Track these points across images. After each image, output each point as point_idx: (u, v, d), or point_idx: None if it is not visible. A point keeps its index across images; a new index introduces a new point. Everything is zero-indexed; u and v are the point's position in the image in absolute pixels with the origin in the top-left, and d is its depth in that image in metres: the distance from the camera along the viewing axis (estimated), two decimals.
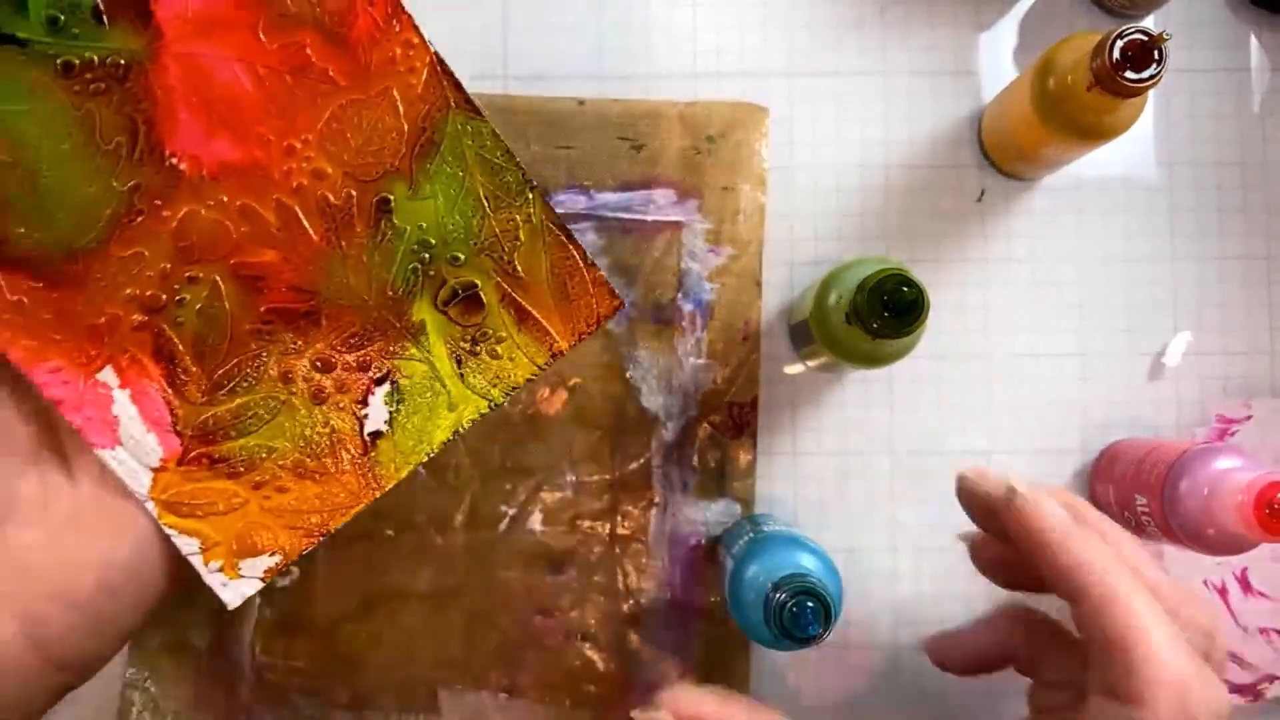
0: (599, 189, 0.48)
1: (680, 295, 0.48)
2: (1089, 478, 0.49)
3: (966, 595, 0.48)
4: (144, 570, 0.32)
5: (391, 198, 0.31)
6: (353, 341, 0.32)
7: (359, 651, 0.47)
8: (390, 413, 0.32)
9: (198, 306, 0.31)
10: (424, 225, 0.31)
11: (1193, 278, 0.49)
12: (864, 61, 0.50)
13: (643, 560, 0.47)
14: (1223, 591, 0.48)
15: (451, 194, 0.31)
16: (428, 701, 0.47)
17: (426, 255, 0.31)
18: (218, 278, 0.31)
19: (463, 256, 0.31)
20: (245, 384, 0.31)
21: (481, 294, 0.32)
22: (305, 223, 0.31)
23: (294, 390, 0.32)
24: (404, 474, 0.32)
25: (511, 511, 0.47)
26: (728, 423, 0.48)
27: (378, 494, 0.32)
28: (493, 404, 0.32)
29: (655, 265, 0.48)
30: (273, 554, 0.32)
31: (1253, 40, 0.50)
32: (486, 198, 0.31)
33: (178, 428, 0.31)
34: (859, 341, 0.41)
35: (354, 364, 0.32)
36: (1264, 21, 0.50)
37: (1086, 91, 0.39)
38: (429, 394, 0.32)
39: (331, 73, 0.30)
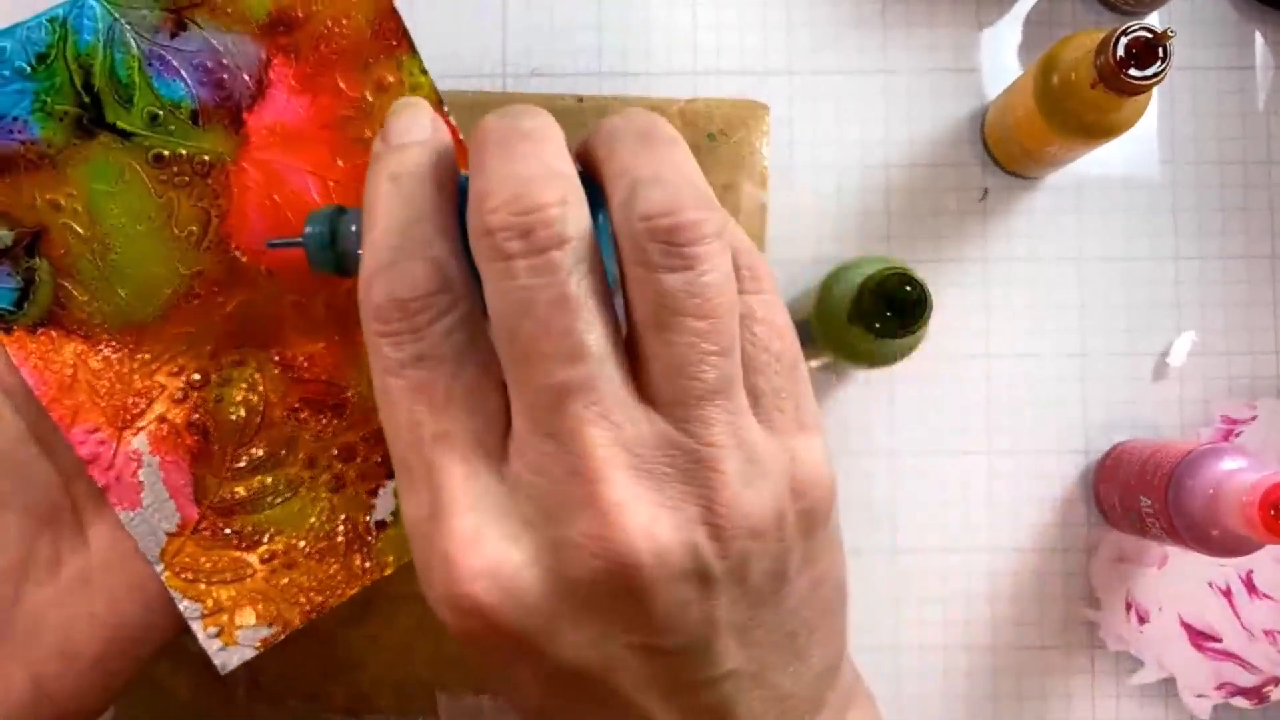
0: None
1: None
2: (1093, 479, 0.48)
3: (969, 595, 0.48)
4: (152, 630, 0.33)
5: None
6: (375, 437, 0.33)
7: (356, 653, 0.46)
8: (396, 505, 0.34)
9: (238, 388, 0.32)
10: None
11: (1197, 277, 0.49)
12: (865, 59, 0.50)
13: None
14: (1227, 594, 0.47)
15: None
16: (426, 704, 0.46)
17: None
18: (259, 363, 0.32)
19: None
20: (271, 463, 0.33)
21: None
22: (351, 319, 0.33)
23: (314, 473, 0.33)
24: (399, 564, 0.34)
25: None
26: None
27: (375, 578, 0.34)
28: None
29: None
30: (270, 625, 0.33)
31: (1257, 38, 0.50)
32: None
33: (198, 498, 0.32)
34: (861, 341, 0.41)
35: (373, 456, 0.33)
36: (1268, 19, 0.50)
37: (1090, 89, 0.39)
38: None
39: None
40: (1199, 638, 0.47)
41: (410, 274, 0.24)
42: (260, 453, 0.33)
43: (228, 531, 0.32)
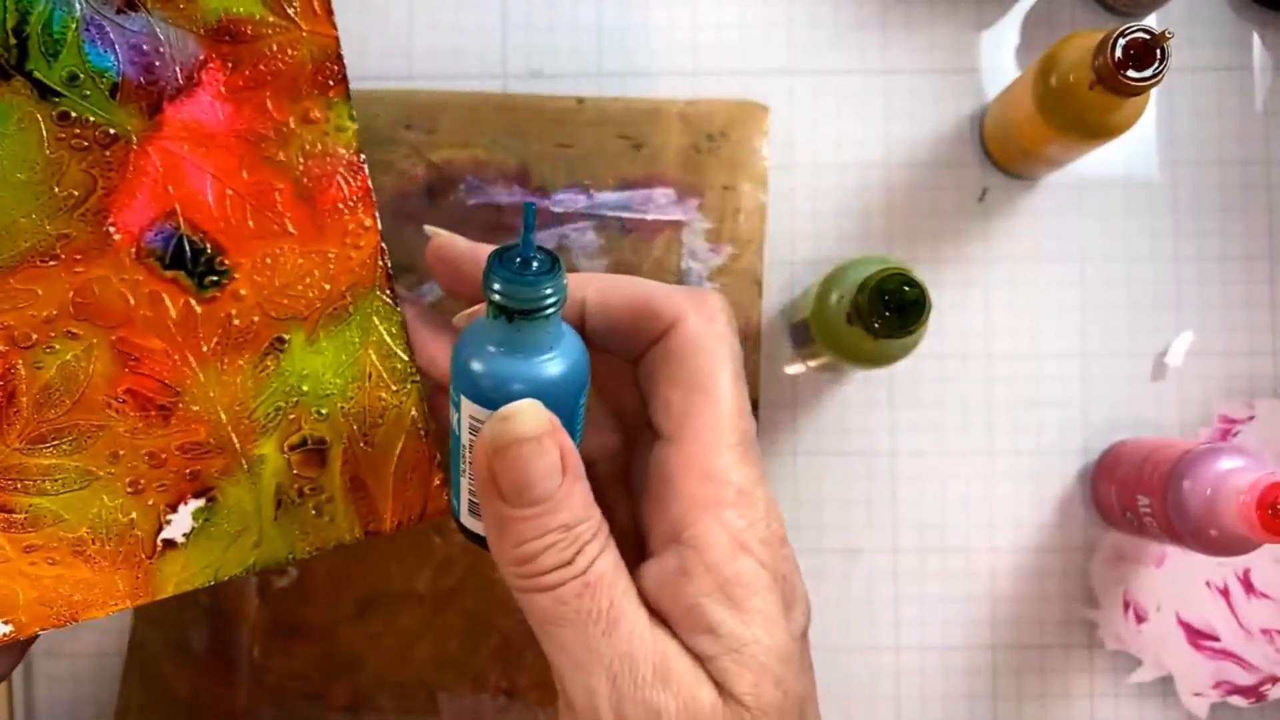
0: (599, 188, 0.48)
1: None
2: (1091, 478, 0.48)
3: (969, 595, 0.48)
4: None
5: (288, 340, 0.32)
6: (193, 449, 0.32)
7: (357, 653, 0.46)
8: (193, 527, 0.33)
9: (64, 359, 0.31)
10: (305, 374, 0.33)
11: (1195, 277, 0.49)
12: (865, 60, 0.50)
13: None
14: (1225, 593, 0.47)
15: (342, 358, 0.33)
16: (426, 703, 0.47)
17: (295, 400, 0.33)
18: (96, 342, 0.32)
19: (327, 413, 0.33)
20: (69, 445, 0.32)
21: (327, 453, 0.33)
22: (201, 329, 0.32)
23: (115, 471, 0.32)
24: (176, 592, 0.33)
25: None
26: None
27: (139, 603, 0.33)
28: (292, 557, 0.33)
29: (655, 264, 0.48)
30: (6, 621, 0.32)
31: (1255, 39, 0.50)
32: (371, 373, 0.33)
33: None
34: (860, 341, 0.41)
35: (183, 470, 0.32)
36: (1266, 20, 0.50)
37: (1089, 90, 0.39)
38: (238, 524, 0.33)
39: (288, 220, 0.32)
40: (1197, 636, 0.47)
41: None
42: (63, 432, 0.31)
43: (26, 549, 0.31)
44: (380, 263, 0.33)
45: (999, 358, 0.49)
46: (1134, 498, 0.43)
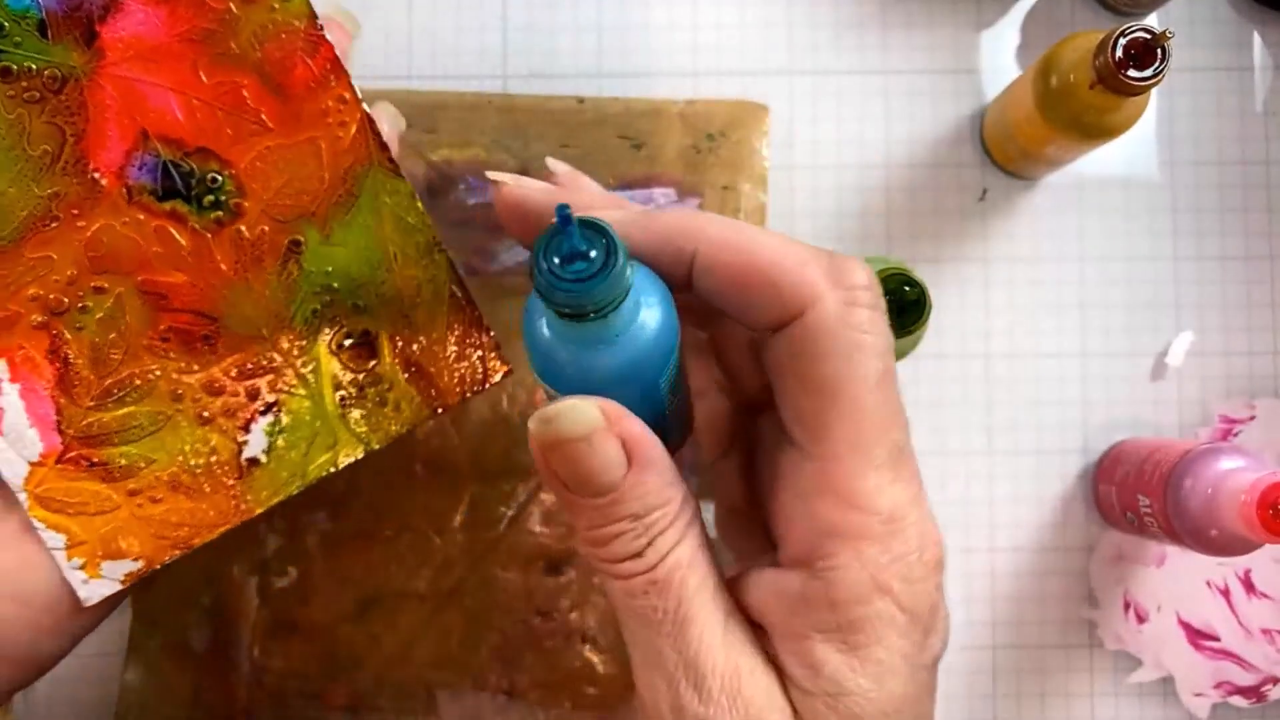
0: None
1: None
2: (1091, 478, 0.48)
3: (969, 595, 0.48)
4: None
5: (303, 240, 0.32)
6: (245, 370, 0.32)
7: (357, 653, 0.46)
8: (269, 442, 0.33)
9: (99, 316, 0.32)
10: (330, 270, 0.32)
11: (1195, 277, 0.49)
12: (865, 60, 0.50)
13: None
14: (1225, 593, 0.47)
15: (362, 245, 0.32)
16: (426, 703, 0.47)
17: (329, 299, 0.32)
18: (123, 291, 0.31)
19: (364, 304, 0.33)
20: (134, 395, 0.32)
21: (376, 343, 0.33)
22: (216, 252, 0.32)
23: (181, 408, 0.32)
24: (273, 503, 0.33)
25: (511, 512, 0.47)
26: None
27: (245, 518, 0.33)
28: (369, 448, 0.33)
29: None
30: (136, 559, 0.33)
31: (1255, 39, 0.50)
32: (395, 254, 0.32)
33: (61, 427, 0.32)
34: None
35: (243, 392, 0.32)
36: (1267, 20, 0.50)
37: (1089, 90, 0.39)
38: (309, 430, 0.33)
39: (264, 115, 0.31)
40: (1197, 637, 0.47)
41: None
42: (124, 383, 0.32)
43: (93, 463, 0.32)
44: (371, 134, 0.31)
45: (999, 358, 0.49)
46: (1134, 498, 0.43)
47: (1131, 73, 0.37)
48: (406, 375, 0.33)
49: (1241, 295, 0.49)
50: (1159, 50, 0.37)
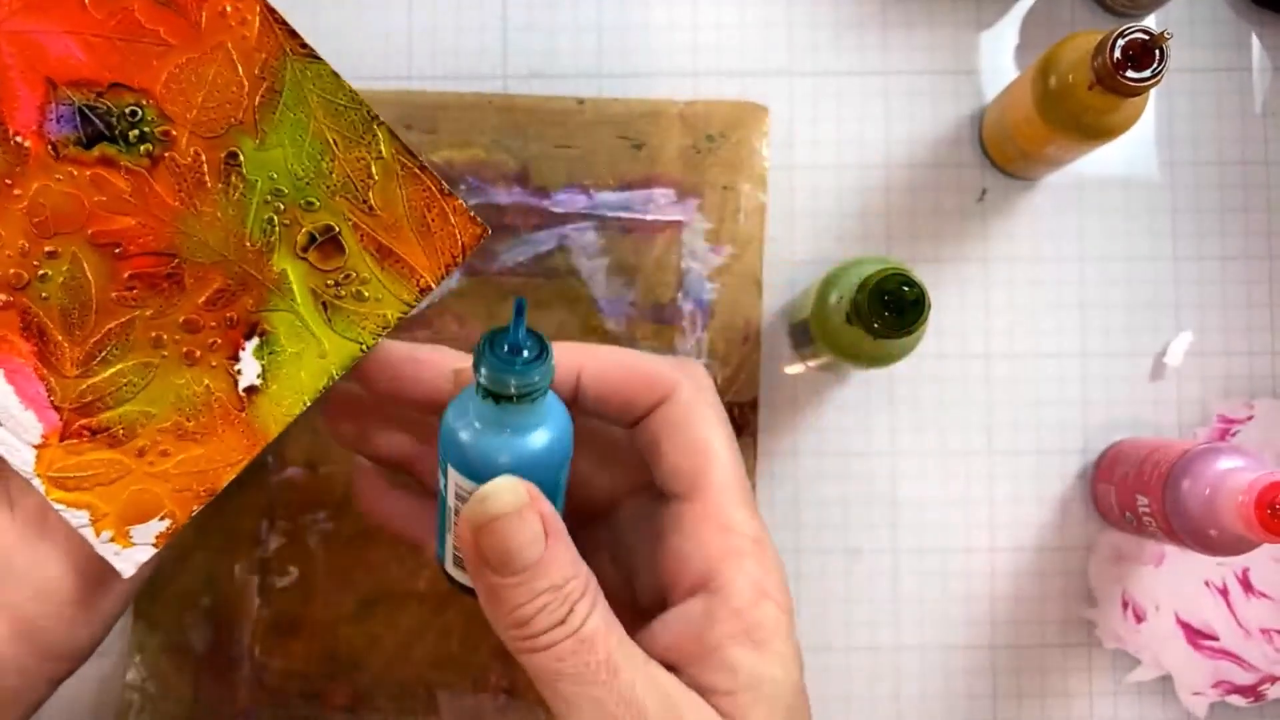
0: (599, 188, 0.48)
1: (680, 295, 0.48)
2: (1091, 478, 0.48)
3: (968, 595, 0.48)
4: None
5: (238, 151, 0.31)
6: (218, 299, 0.32)
7: (357, 652, 0.47)
8: (262, 366, 0.32)
9: (60, 280, 0.31)
10: (274, 175, 0.31)
11: (1194, 277, 0.49)
12: (865, 60, 0.50)
13: None
14: (1224, 592, 0.48)
15: (298, 139, 0.31)
16: (427, 703, 0.47)
17: (280, 205, 0.31)
18: (76, 250, 0.31)
19: (317, 201, 0.31)
20: (117, 352, 0.32)
21: (340, 237, 0.32)
22: (157, 186, 0.31)
23: (165, 354, 0.32)
24: (283, 427, 0.32)
25: None
26: None
27: (259, 449, 0.33)
28: (364, 347, 0.32)
29: (655, 265, 0.48)
30: (162, 518, 0.32)
31: (1254, 39, 0.50)
32: (334, 140, 0.31)
33: (55, 403, 0.31)
34: (860, 341, 0.41)
35: (221, 322, 0.32)
36: (1265, 21, 0.50)
37: (1088, 90, 0.39)
38: (299, 344, 0.32)
39: (163, 34, 0.30)
40: (1196, 636, 0.47)
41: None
42: (103, 342, 0.31)
43: (95, 431, 0.32)
44: (274, 24, 0.31)
45: (998, 358, 0.49)
46: (1133, 497, 0.44)
47: (1130, 73, 0.37)
48: (380, 264, 0.32)
49: (1240, 295, 0.49)
50: (1158, 51, 0.37)
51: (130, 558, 0.32)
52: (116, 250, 0.31)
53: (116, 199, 0.31)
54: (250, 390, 0.32)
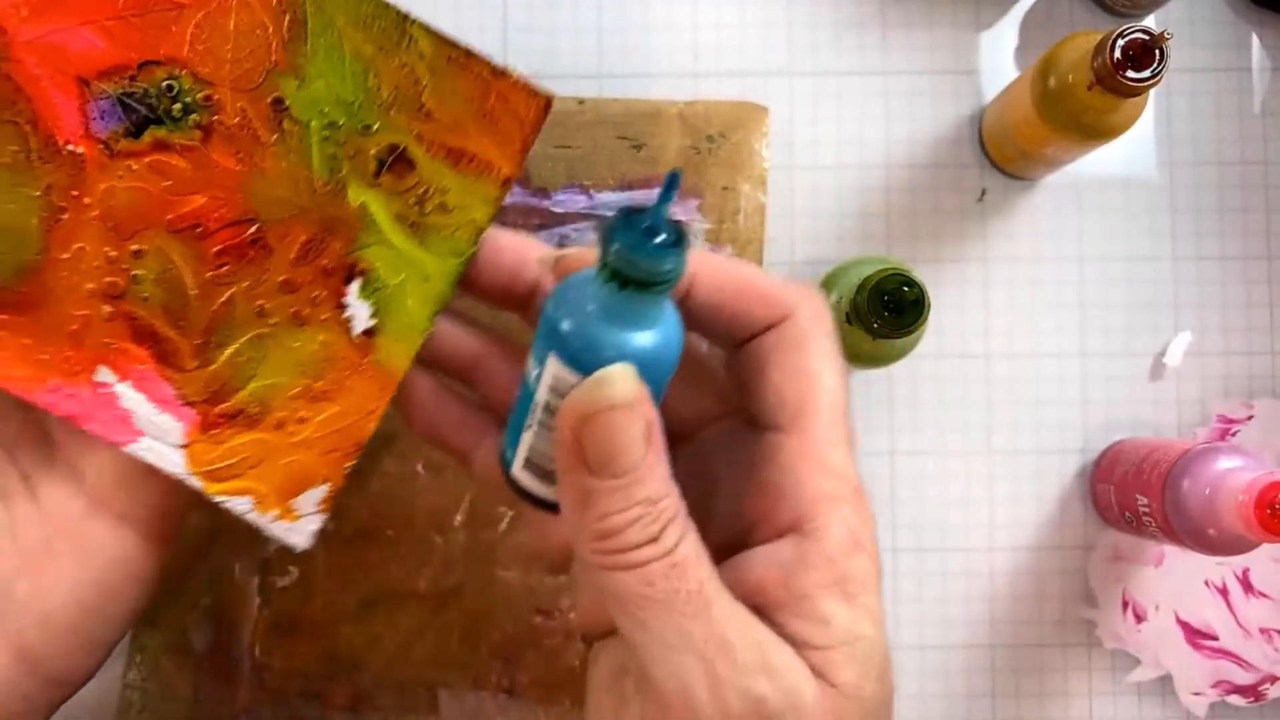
0: (599, 189, 0.48)
1: None
2: (1090, 478, 0.48)
3: (968, 595, 0.48)
4: (121, 584, 0.33)
5: (283, 96, 0.30)
6: (308, 252, 0.31)
7: (358, 652, 0.47)
8: (372, 306, 0.31)
9: (153, 278, 0.31)
10: (324, 109, 0.30)
11: (1194, 277, 0.49)
12: (865, 61, 0.50)
13: None
14: (1224, 592, 0.48)
15: (337, 64, 0.30)
16: (427, 702, 0.47)
17: (340, 138, 0.31)
18: (159, 243, 0.31)
19: (374, 123, 0.31)
20: (227, 333, 0.31)
21: (408, 153, 0.31)
22: (215, 155, 0.30)
23: (273, 321, 0.31)
24: (409, 361, 0.32)
25: (511, 511, 0.47)
26: None
27: (392, 390, 0.32)
28: (464, 258, 0.31)
29: None
30: (320, 484, 0.32)
31: (1254, 40, 0.50)
32: (371, 54, 0.30)
33: (186, 399, 0.31)
34: (860, 341, 0.41)
35: (318, 274, 0.31)
36: (1265, 21, 0.50)
37: (1087, 91, 0.39)
38: (399, 274, 0.31)
39: None
40: (1195, 636, 0.47)
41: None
42: (211, 327, 0.31)
43: (231, 416, 0.31)
44: None
45: (998, 358, 0.49)
46: (1133, 497, 0.44)
47: (1130, 74, 0.38)
48: (455, 168, 0.31)
49: (1240, 295, 0.49)
50: (1157, 51, 0.37)
51: (302, 530, 0.32)
52: (197, 230, 0.30)
53: (181, 180, 0.30)
54: (367, 334, 0.31)
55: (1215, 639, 0.47)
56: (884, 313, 0.39)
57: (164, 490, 0.34)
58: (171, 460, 0.31)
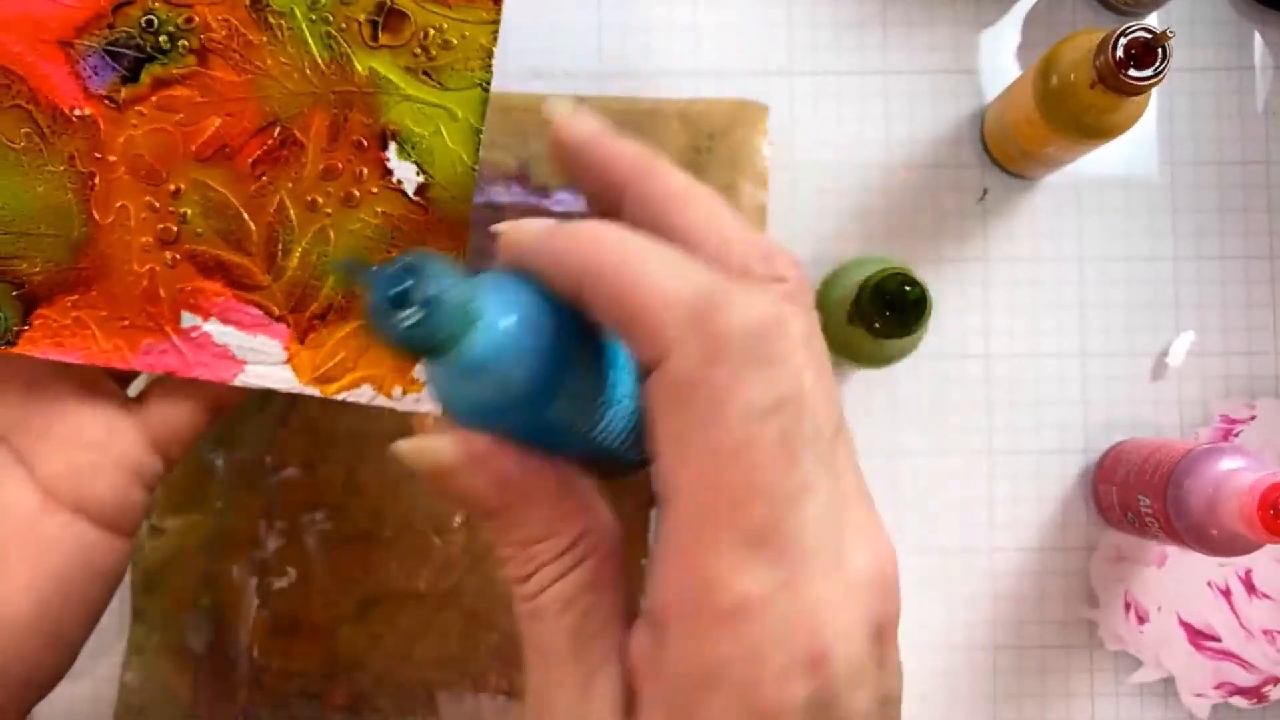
0: None
1: None
2: (1092, 478, 0.48)
3: (969, 595, 0.48)
4: (81, 579, 0.33)
5: None
6: (336, 133, 0.31)
7: (357, 653, 0.46)
8: (415, 163, 0.32)
9: (200, 210, 0.31)
10: None
11: (1195, 277, 0.49)
12: (865, 60, 0.50)
13: (642, 562, 0.47)
14: (1226, 593, 0.47)
15: None
16: (426, 703, 0.46)
17: (327, 15, 0.31)
18: (193, 175, 0.31)
19: None
20: (287, 237, 0.31)
21: (395, 5, 0.31)
22: (216, 72, 0.30)
23: (328, 210, 0.31)
24: (469, 201, 0.32)
25: None
26: None
27: (467, 230, 0.32)
28: (484, 84, 0.32)
29: None
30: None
31: (1256, 38, 0.50)
32: None
33: (274, 315, 0.31)
34: (861, 341, 0.41)
35: (353, 150, 0.31)
36: (1267, 20, 0.50)
37: (1089, 90, 0.39)
38: (430, 123, 0.32)
39: None
40: (1198, 637, 0.47)
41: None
42: (272, 237, 0.31)
43: (322, 316, 0.31)
44: None
45: (999, 358, 0.49)
46: (1135, 498, 0.43)
47: (1132, 72, 0.37)
48: (443, 4, 0.31)
49: (1242, 295, 0.49)
50: (1159, 50, 0.37)
51: (428, 395, 0.32)
52: (225, 151, 0.31)
53: (192, 108, 0.30)
54: (421, 190, 0.31)
55: (1218, 640, 0.47)
56: (885, 313, 0.38)
57: (118, 482, 0.33)
58: (281, 378, 0.31)
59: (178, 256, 0.31)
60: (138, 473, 0.34)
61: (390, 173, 0.31)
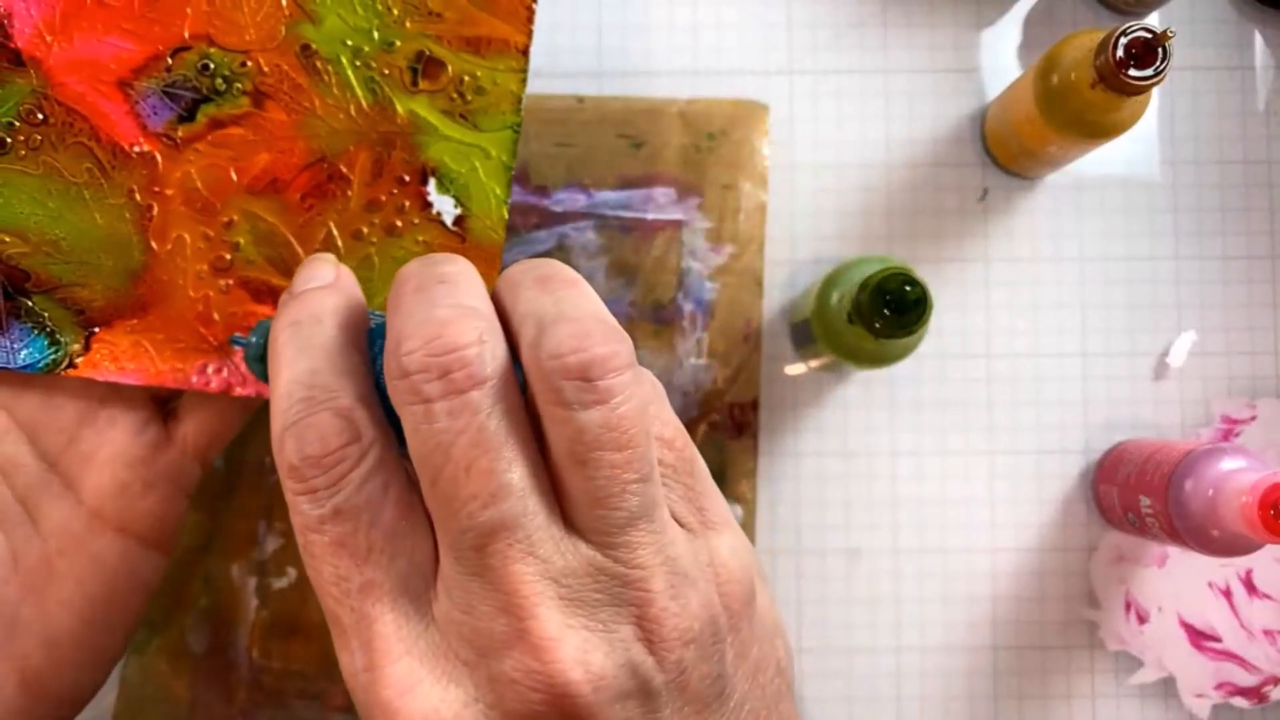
0: (598, 187, 0.48)
1: (680, 294, 0.48)
2: (1093, 479, 0.48)
3: (970, 596, 0.48)
4: (125, 594, 0.34)
5: (308, 42, 0.33)
6: (380, 169, 0.33)
7: None
8: (454, 197, 0.34)
9: (251, 239, 0.33)
10: (346, 42, 0.33)
11: (1196, 277, 0.49)
12: (866, 59, 0.49)
13: None
14: (1227, 593, 0.47)
15: (343, 0, 0.33)
16: None
17: (371, 61, 0.33)
18: (245, 207, 0.33)
19: (394, 39, 0.33)
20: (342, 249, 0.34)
21: (433, 55, 0.34)
22: (269, 113, 0.33)
23: (372, 240, 0.34)
24: (502, 231, 0.34)
25: None
26: (728, 423, 0.47)
27: (499, 259, 0.34)
28: (513, 126, 0.34)
29: (655, 264, 0.48)
30: None
31: (1257, 38, 0.50)
32: None
33: None
34: (861, 341, 0.41)
35: (395, 184, 0.34)
36: (1269, 19, 0.50)
37: (1090, 89, 0.39)
38: (466, 161, 0.34)
39: None
40: (1198, 637, 0.47)
41: (318, 429, 0.23)
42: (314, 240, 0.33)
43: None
44: None
45: (999, 358, 0.49)
46: (1135, 498, 0.43)
47: (1132, 72, 0.37)
48: (477, 53, 0.34)
49: (1243, 295, 0.49)
50: (1160, 49, 0.37)
51: None
52: (275, 184, 0.33)
53: (244, 145, 0.32)
54: (459, 220, 0.34)
55: (1218, 641, 0.47)
56: (886, 312, 0.38)
57: (163, 496, 0.34)
58: None
59: (231, 283, 0.33)
60: (180, 483, 0.35)
61: (430, 205, 0.34)
